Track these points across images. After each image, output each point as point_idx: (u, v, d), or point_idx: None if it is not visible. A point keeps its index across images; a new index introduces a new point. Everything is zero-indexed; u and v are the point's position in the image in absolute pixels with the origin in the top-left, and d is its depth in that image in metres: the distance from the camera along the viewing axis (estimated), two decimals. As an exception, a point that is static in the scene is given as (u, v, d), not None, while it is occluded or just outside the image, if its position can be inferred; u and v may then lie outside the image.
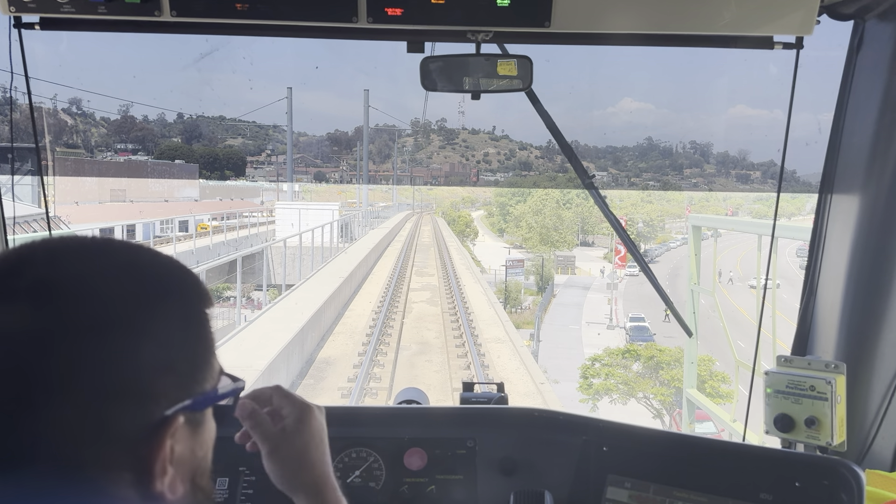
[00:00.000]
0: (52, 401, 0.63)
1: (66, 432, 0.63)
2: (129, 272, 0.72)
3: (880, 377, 1.74)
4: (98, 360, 0.65)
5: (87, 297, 0.67)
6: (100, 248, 0.74)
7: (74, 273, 0.69)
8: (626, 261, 43.25)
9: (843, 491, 1.37)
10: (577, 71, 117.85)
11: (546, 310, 44.10)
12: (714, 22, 1.67)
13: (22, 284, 0.67)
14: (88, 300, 0.67)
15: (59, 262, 0.70)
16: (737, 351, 4.86)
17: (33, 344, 0.64)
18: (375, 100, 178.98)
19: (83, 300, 0.67)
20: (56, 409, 0.63)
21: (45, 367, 0.63)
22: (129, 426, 0.66)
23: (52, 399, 0.63)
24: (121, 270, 0.72)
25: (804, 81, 1.85)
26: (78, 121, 69.41)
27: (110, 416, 0.65)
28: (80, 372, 0.64)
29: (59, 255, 0.71)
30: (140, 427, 0.67)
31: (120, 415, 0.65)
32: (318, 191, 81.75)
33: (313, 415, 1.10)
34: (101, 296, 0.68)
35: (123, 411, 0.66)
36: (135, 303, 0.69)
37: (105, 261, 0.72)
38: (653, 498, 1.53)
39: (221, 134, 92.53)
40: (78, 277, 0.68)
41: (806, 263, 1.99)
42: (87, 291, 0.67)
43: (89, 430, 0.64)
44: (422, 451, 1.72)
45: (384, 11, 1.63)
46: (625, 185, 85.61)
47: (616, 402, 26.23)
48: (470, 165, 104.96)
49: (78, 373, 0.64)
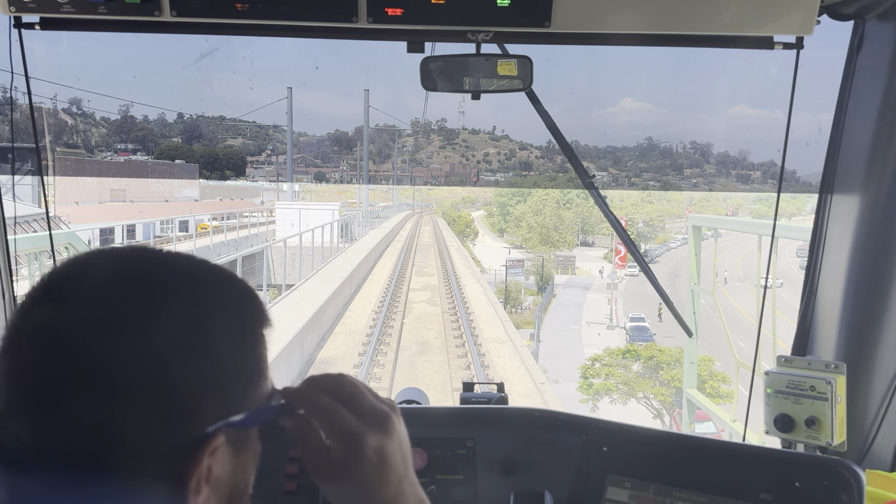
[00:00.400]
0: (93, 403, 0.63)
1: (103, 436, 0.63)
2: (186, 286, 0.72)
3: (880, 377, 1.74)
4: (143, 369, 0.65)
5: (139, 306, 0.67)
6: (161, 261, 0.74)
7: (131, 282, 0.69)
8: (627, 261, 43.26)
9: (843, 491, 1.37)
10: (578, 71, 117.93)
11: (546, 310, 44.10)
12: (714, 22, 1.67)
13: (79, 289, 0.68)
14: (140, 309, 0.67)
15: (118, 271, 0.71)
16: (737, 351, 4.86)
17: (81, 345, 0.64)
18: (375, 100, 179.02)
19: (135, 308, 0.67)
20: (96, 413, 0.63)
21: (90, 369, 0.64)
22: (167, 439, 0.65)
23: (94, 401, 0.63)
24: (178, 283, 0.72)
25: (804, 81, 1.85)
26: (78, 121, 69.40)
27: (149, 425, 0.64)
28: (124, 378, 0.64)
29: (120, 263, 0.72)
30: (178, 441, 0.66)
31: (159, 426, 0.65)
32: (318, 191, 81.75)
33: (392, 428, 0.81)
34: (154, 306, 0.68)
35: (163, 423, 0.65)
36: (187, 316, 0.69)
37: (164, 273, 0.72)
38: (653, 498, 1.53)
39: (221, 134, 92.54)
40: (134, 287, 0.69)
41: (806, 263, 1.99)
42: (141, 300, 0.68)
43: (126, 438, 0.64)
44: (422, 451, 1.72)
45: (384, 11, 1.63)
46: (625, 186, 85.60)
47: (616, 403, 26.24)
48: (470, 165, 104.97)
49: (122, 379, 0.64)
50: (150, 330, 0.66)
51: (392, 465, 0.79)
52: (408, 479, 0.82)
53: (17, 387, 0.65)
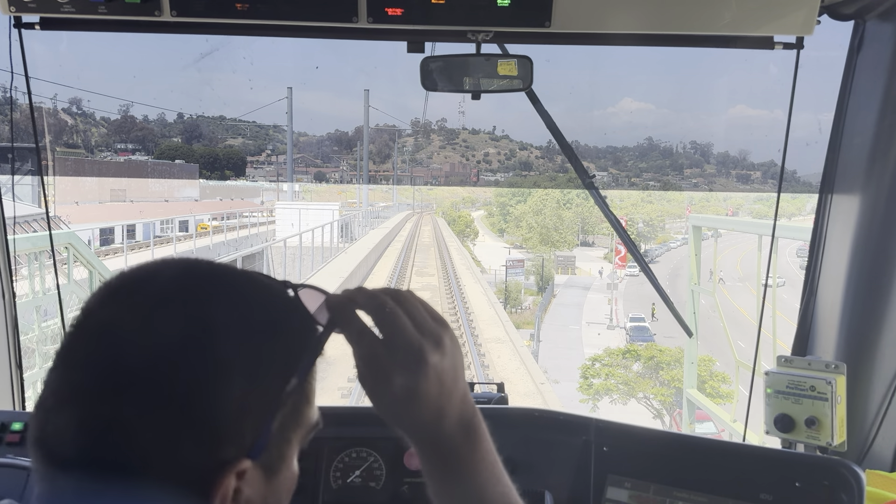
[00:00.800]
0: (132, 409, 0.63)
1: (137, 443, 0.63)
2: (248, 310, 0.71)
3: (880, 377, 1.74)
4: (189, 384, 0.65)
5: (196, 323, 0.67)
6: (224, 279, 0.73)
7: (191, 298, 0.69)
8: (627, 261, 43.26)
9: (843, 491, 1.37)
10: (578, 71, 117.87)
11: (546, 310, 44.09)
12: (714, 22, 1.67)
13: (141, 295, 0.69)
14: (197, 326, 0.67)
15: (179, 286, 0.70)
16: (737, 351, 4.86)
17: (133, 352, 0.65)
18: (376, 100, 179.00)
19: (191, 325, 0.67)
20: (134, 419, 0.63)
21: (137, 376, 0.64)
22: (197, 456, 0.65)
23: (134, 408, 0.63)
24: (240, 307, 0.71)
25: (804, 81, 1.85)
26: (78, 121, 69.33)
27: (182, 440, 0.64)
28: (168, 390, 0.64)
29: (182, 278, 0.72)
30: (209, 460, 0.66)
31: (191, 441, 0.65)
32: (318, 191, 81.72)
33: (445, 346, 0.79)
34: (211, 326, 0.67)
35: (196, 439, 0.65)
36: (243, 341, 0.69)
37: (227, 293, 0.72)
38: (653, 498, 1.53)
39: (221, 134, 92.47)
40: (195, 303, 0.69)
41: (806, 263, 1.99)
42: (199, 318, 0.68)
43: (159, 448, 0.64)
44: (422, 452, 1.72)
45: (384, 11, 1.63)
46: (625, 186, 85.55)
47: (616, 403, 26.23)
48: (470, 165, 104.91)
49: (165, 390, 0.64)
50: (203, 348, 0.66)
51: (443, 381, 0.78)
52: (454, 397, 0.80)
53: (67, 383, 0.66)
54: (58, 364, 0.68)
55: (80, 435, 0.64)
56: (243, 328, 0.69)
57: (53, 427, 0.65)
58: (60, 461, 0.64)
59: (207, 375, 0.65)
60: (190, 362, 0.65)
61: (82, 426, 0.64)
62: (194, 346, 0.66)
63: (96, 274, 5.25)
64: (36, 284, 4.51)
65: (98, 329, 0.67)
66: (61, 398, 0.66)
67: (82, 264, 5.12)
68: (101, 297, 0.70)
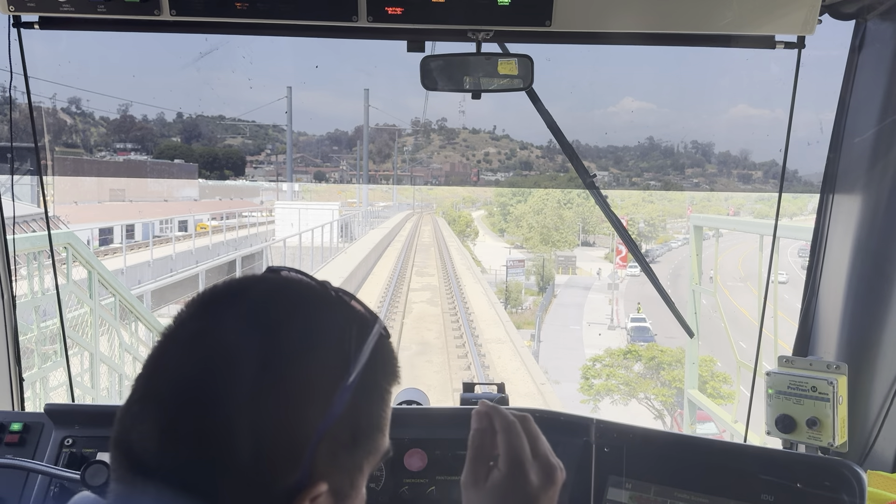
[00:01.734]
0: (212, 426, 0.64)
1: (212, 460, 0.64)
2: (335, 334, 0.72)
3: (882, 378, 1.73)
4: (269, 406, 0.65)
5: (282, 346, 0.68)
6: (320, 304, 0.74)
7: (282, 320, 0.70)
8: (627, 261, 43.26)
9: (844, 492, 1.36)
10: (578, 70, 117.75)
11: (547, 310, 44.07)
12: (715, 21, 1.67)
13: (231, 313, 0.70)
14: (282, 350, 0.67)
15: (270, 305, 0.70)
16: (738, 351, 4.86)
17: (220, 367, 0.65)
18: (375, 99, 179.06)
19: (277, 348, 0.67)
20: (212, 437, 0.64)
21: (220, 393, 0.64)
22: (277, 477, 0.65)
23: (214, 425, 0.64)
24: (328, 330, 0.72)
25: (806, 81, 1.85)
26: (77, 120, 69.30)
27: (258, 462, 0.64)
28: (247, 410, 0.64)
29: (276, 298, 0.72)
30: (286, 481, 0.66)
31: (266, 466, 0.65)
32: (317, 190, 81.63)
33: (553, 483, 0.88)
34: (299, 350, 0.68)
35: (270, 463, 0.65)
36: (327, 365, 0.69)
37: (320, 318, 0.72)
38: (654, 499, 1.52)
39: (221, 133, 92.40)
40: (284, 326, 0.69)
41: (807, 264, 1.99)
42: (285, 341, 0.68)
43: (234, 469, 0.64)
44: (422, 452, 1.72)
45: (384, 10, 1.63)
46: (626, 185, 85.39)
47: (617, 403, 26.21)
48: (470, 165, 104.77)
49: (244, 410, 0.64)
50: (286, 371, 0.66)
51: (552, 499, 0.87)
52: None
53: (153, 393, 0.67)
54: (148, 371, 0.69)
55: (162, 443, 0.64)
56: (329, 355, 0.70)
57: (138, 433, 0.65)
58: (141, 466, 0.65)
59: (283, 401, 0.66)
60: (267, 386, 0.65)
61: (165, 434, 0.64)
62: (275, 372, 0.66)
63: (95, 274, 5.25)
64: (35, 285, 4.51)
65: (185, 341, 0.68)
66: (147, 404, 0.66)
67: (81, 264, 5.12)
68: (195, 309, 0.71)
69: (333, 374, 0.69)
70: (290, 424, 0.66)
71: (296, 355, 0.68)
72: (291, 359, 0.67)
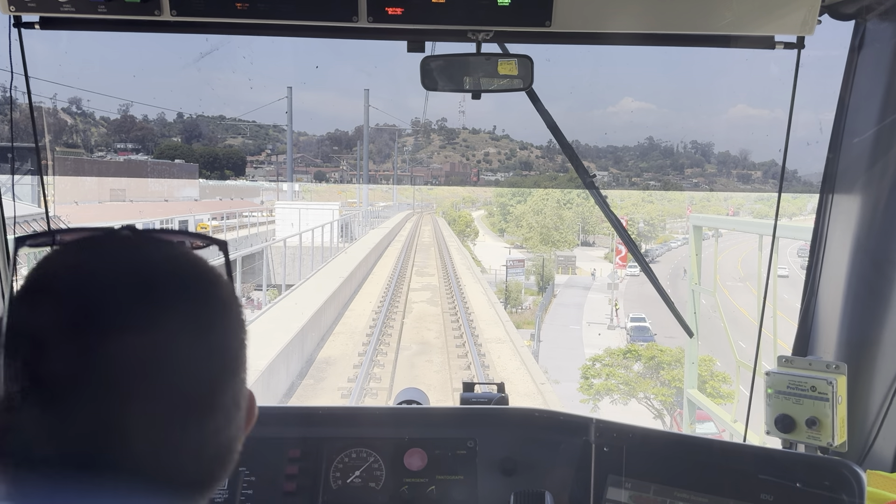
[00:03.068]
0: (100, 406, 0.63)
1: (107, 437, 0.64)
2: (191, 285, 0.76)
3: (881, 377, 1.73)
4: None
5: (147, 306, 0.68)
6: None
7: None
8: (627, 261, 43.26)
9: (844, 492, 1.37)
10: (578, 70, 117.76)
11: (546, 310, 44.07)
12: (715, 21, 1.67)
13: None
14: (151, 310, 0.68)
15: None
16: (737, 351, 4.86)
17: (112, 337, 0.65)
18: (376, 99, 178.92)
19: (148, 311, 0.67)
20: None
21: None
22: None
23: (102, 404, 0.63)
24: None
25: (805, 81, 1.85)
26: (78, 120, 69.27)
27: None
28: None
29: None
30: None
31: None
32: (318, 190, 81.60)
33: None
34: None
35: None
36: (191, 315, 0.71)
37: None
38: (653, 498, 1.53)
39: (221, 133, 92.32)
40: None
41: (807, 263, 1.99)
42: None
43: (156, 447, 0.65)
44: (422, 452, 1.72)
45: (385, 11, 1.63)
46: (626, 185, 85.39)
47: (617, 403, 26.21)
48: (470, 165, 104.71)
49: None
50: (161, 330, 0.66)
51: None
52: None
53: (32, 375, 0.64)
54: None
55: (49, 427, 0.62)
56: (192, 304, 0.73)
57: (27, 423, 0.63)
58: (33, 460, 0.62)
59: (212, 374, 0.68)
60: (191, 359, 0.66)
61: (50, 420, 0.62)
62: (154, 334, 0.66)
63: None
64: (36, 284, 4.51)
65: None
66: (37, 394, 0.63)
67: (82, 264, 5.11)
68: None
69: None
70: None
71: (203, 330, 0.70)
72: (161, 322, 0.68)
